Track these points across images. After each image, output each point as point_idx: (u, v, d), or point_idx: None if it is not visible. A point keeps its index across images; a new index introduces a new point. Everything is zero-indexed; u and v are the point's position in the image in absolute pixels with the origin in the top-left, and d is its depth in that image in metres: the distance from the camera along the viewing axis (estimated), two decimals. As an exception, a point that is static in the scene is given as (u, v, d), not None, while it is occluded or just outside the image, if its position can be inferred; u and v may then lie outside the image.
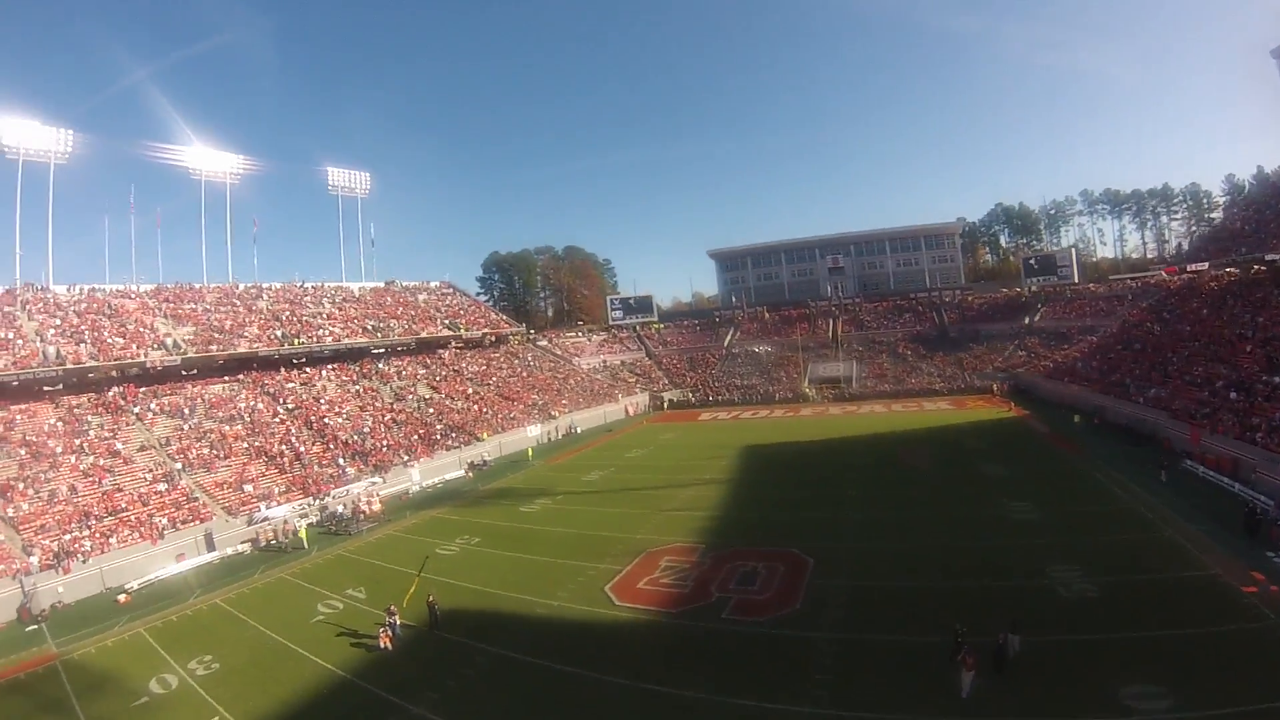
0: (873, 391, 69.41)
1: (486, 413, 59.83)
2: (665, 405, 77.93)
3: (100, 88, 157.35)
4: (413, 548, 30.58)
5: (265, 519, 35.32)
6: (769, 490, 35.51)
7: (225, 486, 38.89)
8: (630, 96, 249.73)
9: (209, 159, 64.25)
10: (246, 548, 33.77)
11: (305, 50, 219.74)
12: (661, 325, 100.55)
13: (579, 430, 63.94)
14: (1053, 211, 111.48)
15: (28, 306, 50.01)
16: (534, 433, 59.14)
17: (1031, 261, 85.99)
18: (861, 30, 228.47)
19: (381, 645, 19.72)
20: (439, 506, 38.50)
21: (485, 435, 54.04)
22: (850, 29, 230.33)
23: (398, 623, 20.76)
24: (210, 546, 33.53)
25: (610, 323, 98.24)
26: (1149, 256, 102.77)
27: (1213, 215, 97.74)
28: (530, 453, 52.14)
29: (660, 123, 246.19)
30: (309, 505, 37.46)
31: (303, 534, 33.26)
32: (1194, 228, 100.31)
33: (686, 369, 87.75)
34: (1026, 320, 76.57)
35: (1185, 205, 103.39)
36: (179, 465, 39.93)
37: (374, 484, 41.35)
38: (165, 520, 34.21)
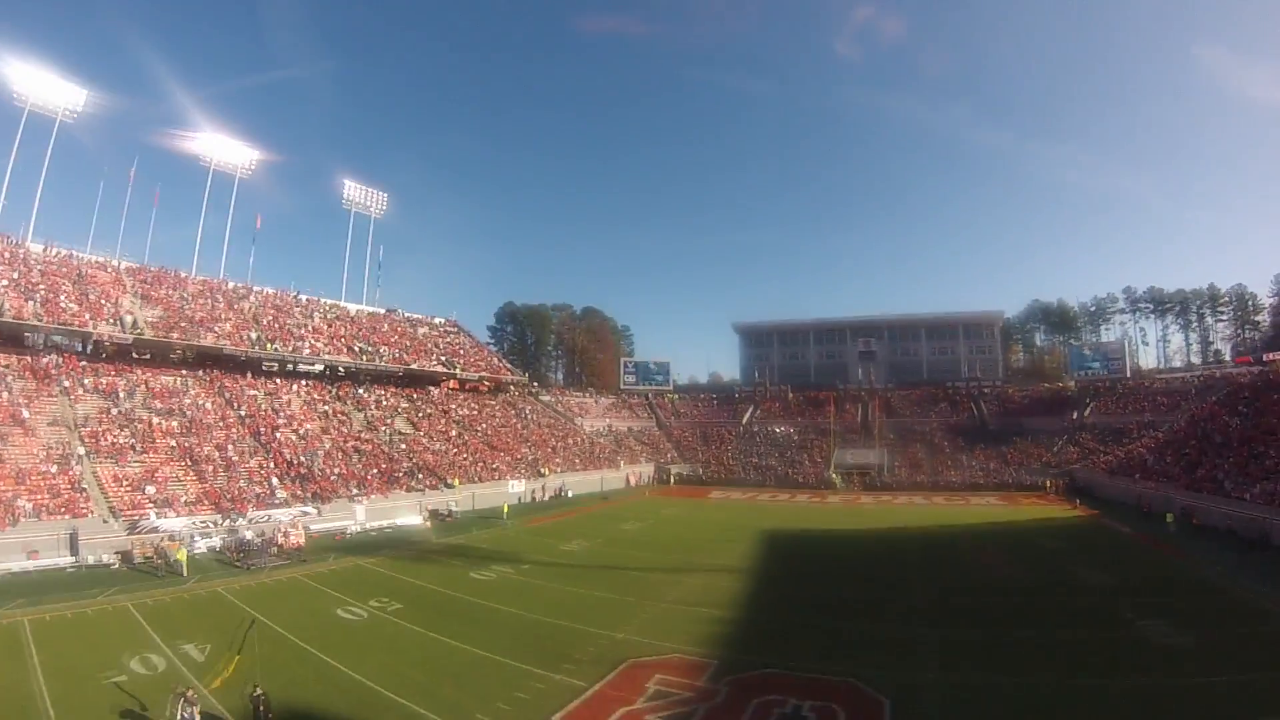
0: (907, 482, 63.79)
1: (466, 459, 52.59)
2: (672, 479, 70.64)
3: (122, 53, 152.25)
4: (313, 600, 23.25)
5: (153, 529, 28.05)
6: (803, 588, 26.81)
7: (125, 483, 31.90)
8: (666, 165, 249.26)
9: (222, 147, 60.62)
10: (116, 560, 26.50)
11: (343, 56, 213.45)
12: (676, 396, 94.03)
13: (570, 493, 56.31)
14: (1093, 309, 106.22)
15: None
16: (516, 489, 51.62)
17: (1085, 351, 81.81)
18: (896, 131, 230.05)
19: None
20: (373, 555, 30.73)
21: (457, 482, 46.64)
22: (883, 131, 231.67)
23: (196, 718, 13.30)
24: (73, 549, 26.36)
25: (622, 387, 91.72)
26: (1192, 360, 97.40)
27: (1258, 318, 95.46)
28: (506, 510, 44.50)
29: (693, 194, 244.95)
30: (214, 525, 30.17)
31: (180, 557, 25.83)
32: (1240, 331, 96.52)
33: (698, 444, 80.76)
34: (1075, 415, 71.58)
35: (1231, 307, 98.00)
36: (83, 449, 33.18)
37: (305, 514, 34.02)
38: (29, 505, 27.22)
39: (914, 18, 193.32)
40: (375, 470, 43.48)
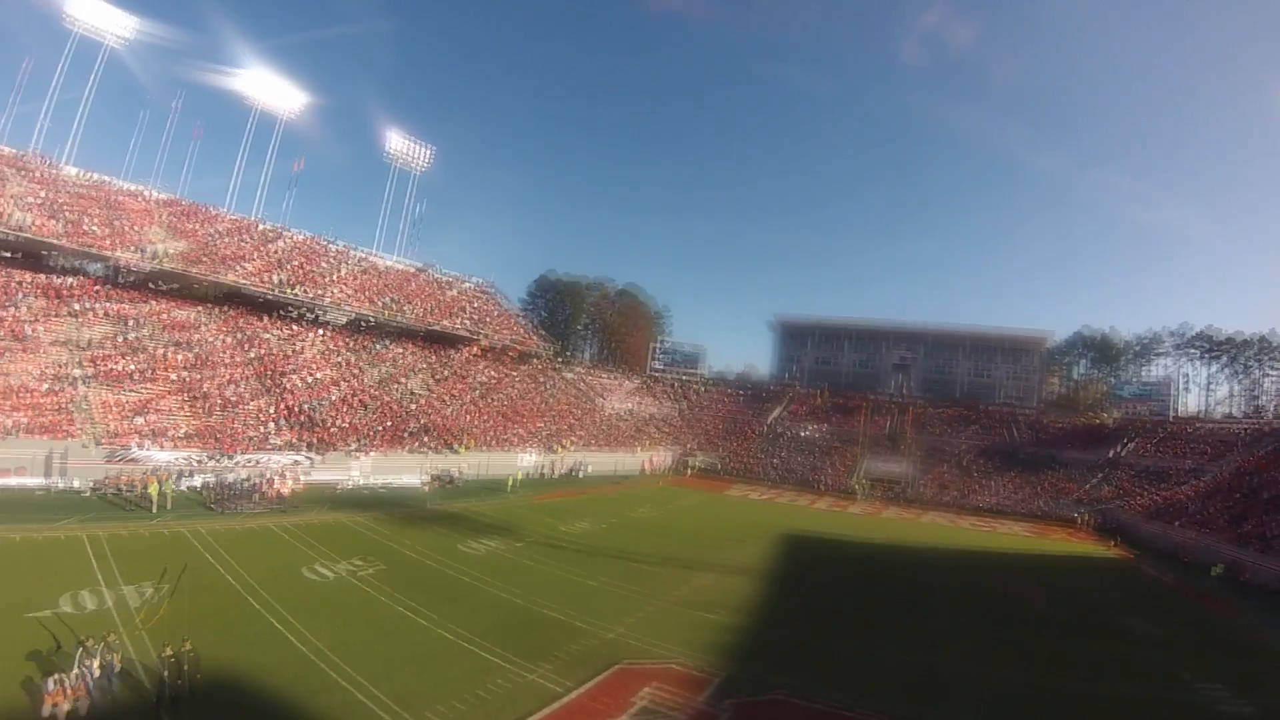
0: (933, 500, 60.86)
1: (479, 425, 50.78)
2: (690, 469, 68.06)
3: None
4: (283, 553, 21.46)
5: (133, 460, 26.64)
6: (824, 600, 23.98)
7: (117, 410, 30.69)
8: (721, 155, 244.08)
9: (269, 87, 59.47)
10: (89, 488, 25.10)
11: (404, 11, 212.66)
12: (704, 385, 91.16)
13: (584, 472, 54.19)
14: (1139, 346, 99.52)
15: (26, 172, 44.57)
16: (527, 461, 49.67)
17: (1130, 385, 78.16)
18: (953, 143, 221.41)
19: (46, 709, 10.32)
20: (362, 512, 28.95)
21: (465, 447, 44.81)
22: (941, 142, 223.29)
23: (115, 666, 11.38)
24: (47, 471, 25.03)
25: (651, 371, 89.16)
26: (1234, 411, 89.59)
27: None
28: (511, 482, 42.53)
29: (744, 185, 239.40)
30: (200, 463, 28.66)
31: (152, 492, 24.27)
32: None
33: (721, 436, 77.97)
34: (1113, 451, 67.60)
35: None
36: (80, 372, 32.04)
37: (299, 462, 32.42)
38: (10, 422, 25.99)
39: (982, 27, 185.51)
40: (382, 426, 41.83)
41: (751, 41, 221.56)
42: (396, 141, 70.05)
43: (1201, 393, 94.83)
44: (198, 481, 27.97)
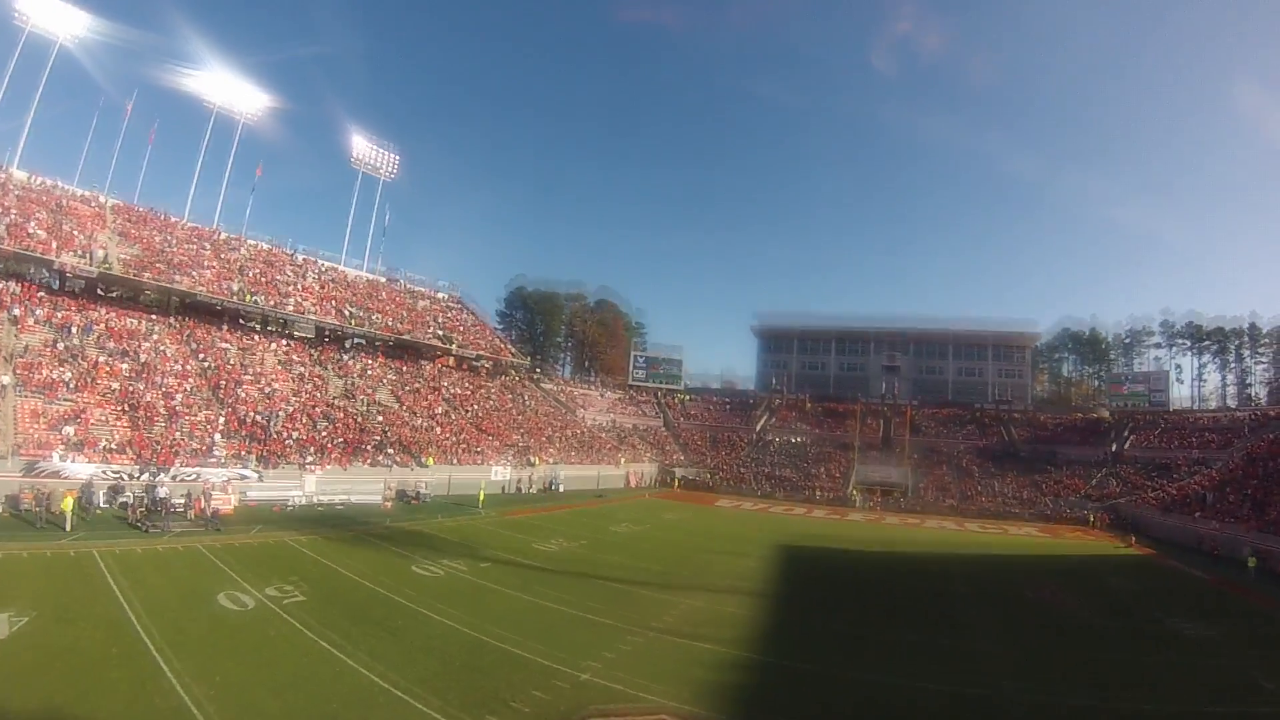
0: (935, 505, 59.32)
1: (448, 439, 48.51)
2: (677, 482, 66.05)
3: None
4: (200, 578, 18.97)
5: (53, 473, 24.29)
6: (835, 620, 21.10)
7: (43, 420, 28.28)
8: (695, 159, 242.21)
9: (228, 89, 57.40)
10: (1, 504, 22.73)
11: (369, 18, 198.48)
12: (688, 396, 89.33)
13: (561, 487, 51.90)
14: (1127, 339, 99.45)
15: None
16: (500, 475, 47.38)
17: (1124, 378, 77.64)
18: (925, 149, 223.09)
19: None
20: (307, 531, 26.42)
21: (431, 460, 42.53)
22: (913, 147, 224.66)
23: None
24: (-47, 490, 22.64)
25: (631, 382, 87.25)
26: (1229, 403, 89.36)
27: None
28: (483, 497, 40.26)
29: (719, 190, 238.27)
30: (129, 477, 26.29)
31: (65, 509, 21.94)
32: None
33: (707, 447, 76.29)
34: (1113, 446, 67.19)
35: (1273, 348, 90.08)
36: (8, 379, 29.61)
37: (243, 477, 30.08)
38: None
39: (953, 33, 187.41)
40: (340, 439, 39.52)
41: (725, 51, 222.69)
42: (362, 147, 67.96)
43: (1191, 385, 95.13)
44: (129, 497, 25.56)
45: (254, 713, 11.35)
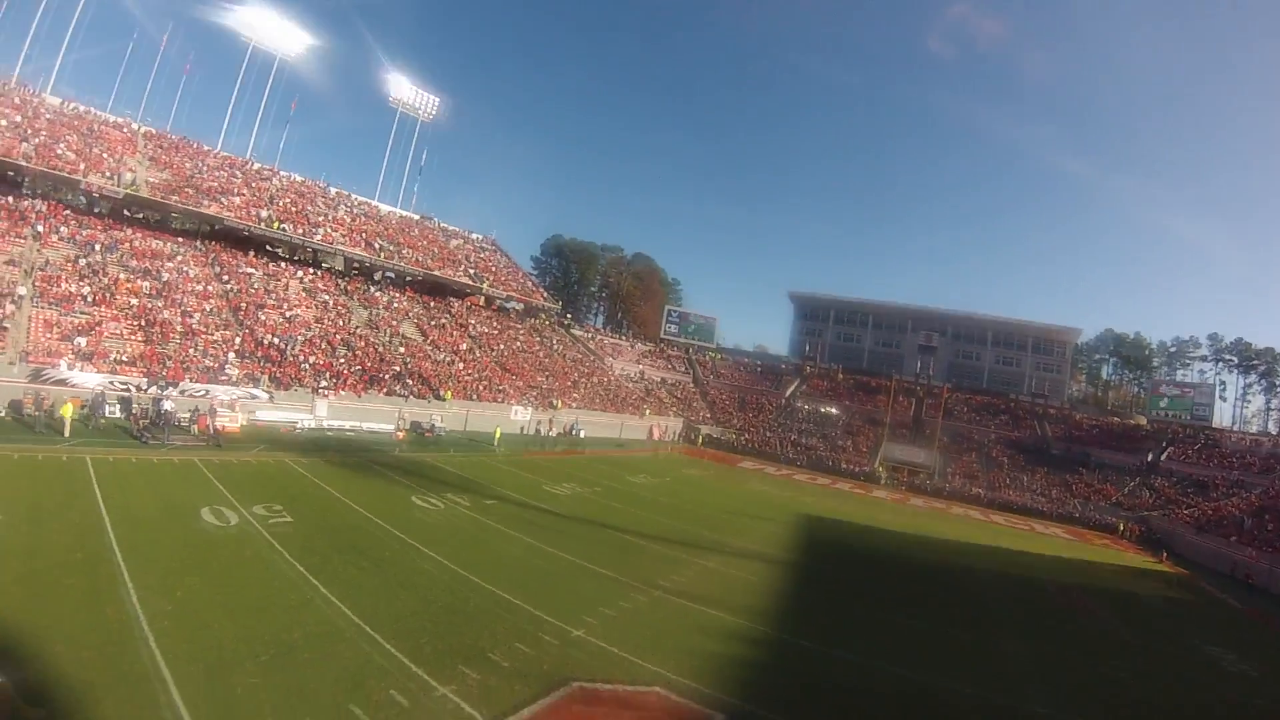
0: (962, 492, 57.39)
1: (470, 375, 47.88)
2: (701, 439, 64.88)
3: None
4: (187, 492, 18.36)
5: (59, 380, 24.05)
6: (862, 604, 19.50)
7: (57, 330, 28.14)
8: (741, 129, 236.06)
9: (265, 23, 55.92)
10: (3, 409, 22.54)
11: None
12: (719, 355, 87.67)
13: (581, 433, 51.10)
14: (1172, 349, 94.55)
15: (3, 97, 42.12)
16: (520, 416, 46.73)
17: (1165, 388, 73.56)
18: (979, 140, 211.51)
19: None
20: (311, 455, 25.86)
21: (450, 395, 41.93)
22: (967, 137, 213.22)
23: None
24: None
25: (663, 336, 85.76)
26: (1271, 428, 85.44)
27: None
28: (499, 435, 39.64)
29: (765, 161, 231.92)
30: (136, 389, 25.98)
31: (65, 414, 21.63)
32: None
33: (735, 408, 74.88)
34: (1150, 456, 64.14)
35: None
36: (25, 290, 29.48)
37: (252, 396, 29.68)
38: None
39: (1013, 23, 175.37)
40: (358, 367, 39.03)
41: (778, 30, 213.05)
42: (402, 86, 66.32)
43: (1235, 404, 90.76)
44: (135, 409, 25.29)
45: (206, 635, 10.44)
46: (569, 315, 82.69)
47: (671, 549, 21.57)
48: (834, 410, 74.11)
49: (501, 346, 57.50)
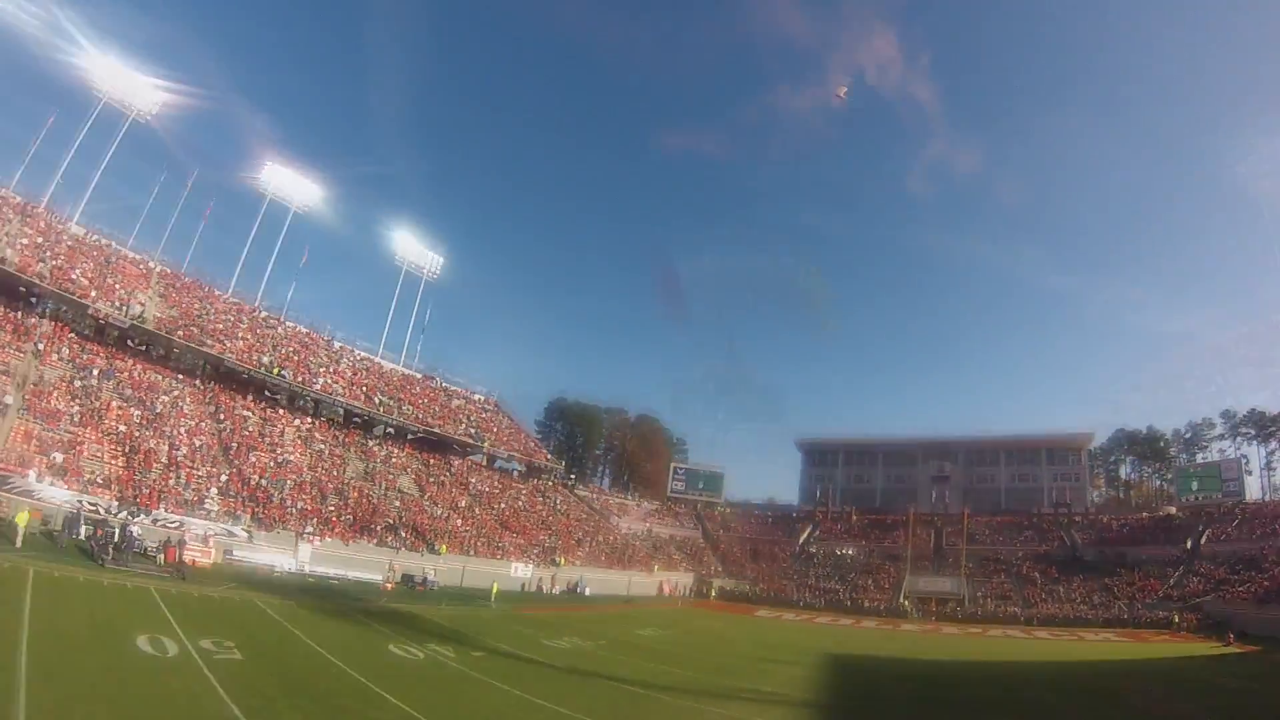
0: (997, 614, 54.11)
1: (468, 530, 44.27)
2: (713, 593, 60.08)
3: (189, 59, 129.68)
4: (132, 616, 15.35)
5: (25, 491, 21.35)
6: None
7: (35, 443, 25.78)
8: (737, 287, 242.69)
9: (283, 180, 59.19)
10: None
11: (430, 139, 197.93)
12: (727, 508, 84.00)
13: (587, 590, 46.33)
14: (1188, 435, 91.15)
15: (30, 219, 42.77)
16: (520, 572, 42.46)
17: (1192, 471, 71.68)
18: (962, 266, 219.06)
19: None
20: (281, 596, 22.31)
21: (444, 549, 38.21)
22: (949, 265, 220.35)
23: None
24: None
25: (670, 494, 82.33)
26: None
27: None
28: (496, 590, 35.36)
29: (760, 316, 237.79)
30: (105, 510, 23.09)
31: (20, 522, 18.79)
32: None
33: (747, 559, 70.76)
34: (1188, 542, 61.14)
35: None
36: (12, 400, 27.52)
37: (232, 534, 26.52)
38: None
39: (984, 156, 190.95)
40: (349, 516, 35.83)
41: (766, 178, 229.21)
42: (406, 244, 68.46)
43: (1260, 474, 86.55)
44: (102, 530, 22.26)
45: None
46: (573, 476, 79.70)
47: (685, 699, 17.84)
48: (850, 551, 71.21)
49: (503, 505, 54.18)
